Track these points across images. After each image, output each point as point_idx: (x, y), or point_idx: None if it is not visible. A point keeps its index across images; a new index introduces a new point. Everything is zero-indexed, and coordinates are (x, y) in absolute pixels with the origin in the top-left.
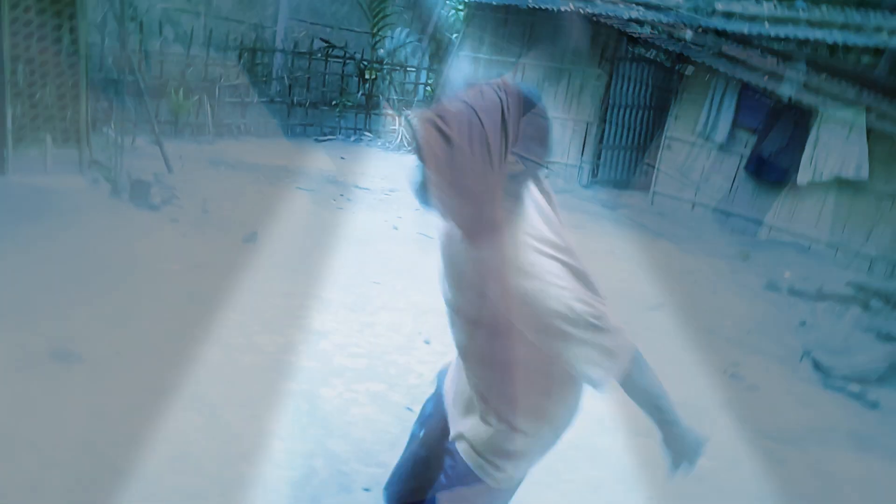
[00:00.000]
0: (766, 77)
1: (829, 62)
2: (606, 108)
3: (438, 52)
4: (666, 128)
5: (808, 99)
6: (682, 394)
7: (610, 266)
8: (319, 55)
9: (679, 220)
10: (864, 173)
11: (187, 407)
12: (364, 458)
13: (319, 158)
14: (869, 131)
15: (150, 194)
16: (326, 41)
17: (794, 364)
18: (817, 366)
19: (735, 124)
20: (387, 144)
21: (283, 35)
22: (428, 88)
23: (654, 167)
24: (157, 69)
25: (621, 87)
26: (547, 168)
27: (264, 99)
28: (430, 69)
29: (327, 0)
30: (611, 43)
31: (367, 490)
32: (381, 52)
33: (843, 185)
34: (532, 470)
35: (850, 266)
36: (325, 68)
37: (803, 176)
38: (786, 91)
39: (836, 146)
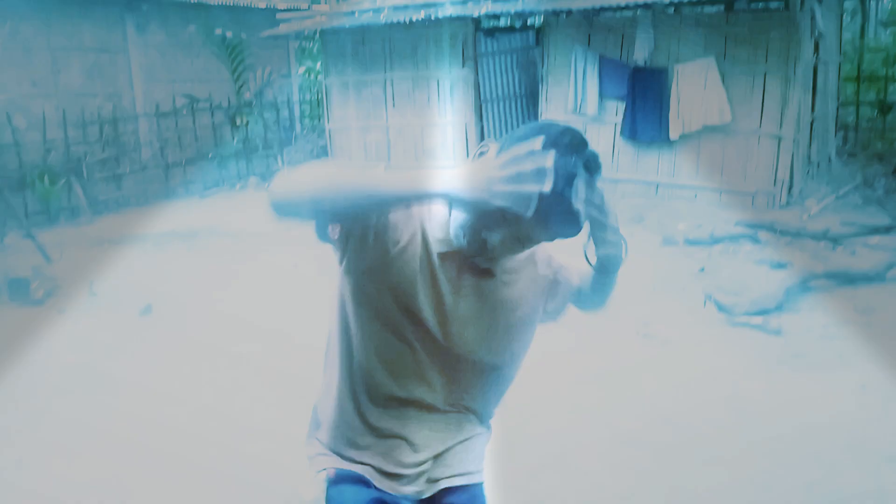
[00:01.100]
0: (620, 45)
1: (673, 19)
2: (480, 105)
3: (308, 82)
4: (540, 112)
5: (661, 58)
6: (603, 364)
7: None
8: (185, 111)
9: None
10: (727, 117)
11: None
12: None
13: (206, 214)
14: (724, 77)
15: (31, 290)
16: (189, 96)
17: (699, 310)
18: (720, 307)
19: (602, 95)
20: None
21: (142, 99)
22: (304, 121)
23: None
24: (14, 161)
25: (490, 82)
26: None
27: (137, 167)
28: (301, 101)
29: (180, 56)
30: (469, 41)
31: None
32: (248, 95)
33: (711, 131)
34: None
35: (735, 206)
36: (195, 122)
37: (674, 131)
38: (640, 55)
39: (697, 97)
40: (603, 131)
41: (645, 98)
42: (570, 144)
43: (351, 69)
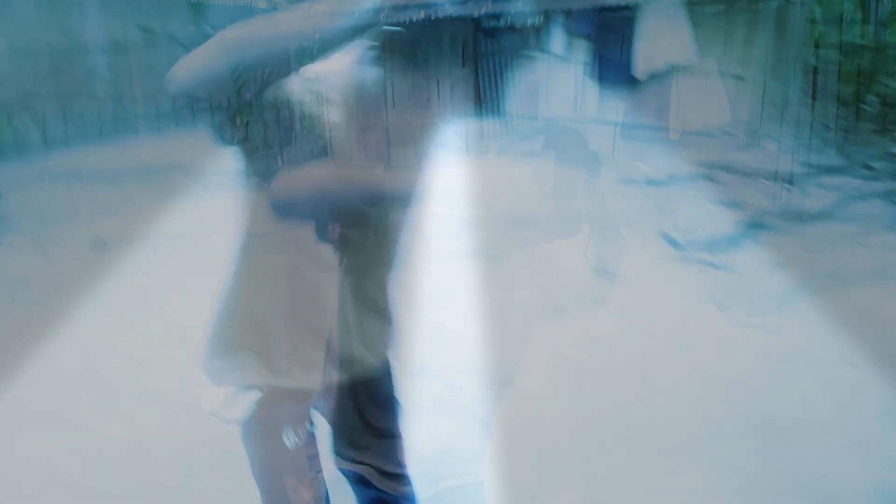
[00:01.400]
0: None
1: None
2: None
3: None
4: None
5: None
6: (551, 297)
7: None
8: (144, 46)
9: (536, 139)
10: (694, 56)
11: (54, 424)
12: None
13: (165, 150)
14: (690, 14)
15: None
16: (148, 30)
17: (654, 247)
18: (674, 244)
19: (568, 34)
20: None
21: (100, 32)
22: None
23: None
24: None
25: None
26: None
27: (91, 101)
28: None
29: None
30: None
31: None
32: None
33: (678, 70)
34: None
35: (694, 145)
36: (154, 58)
37: (640, 70)
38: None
39: (662, 36)
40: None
41: (609, 39)
42: None
43: None
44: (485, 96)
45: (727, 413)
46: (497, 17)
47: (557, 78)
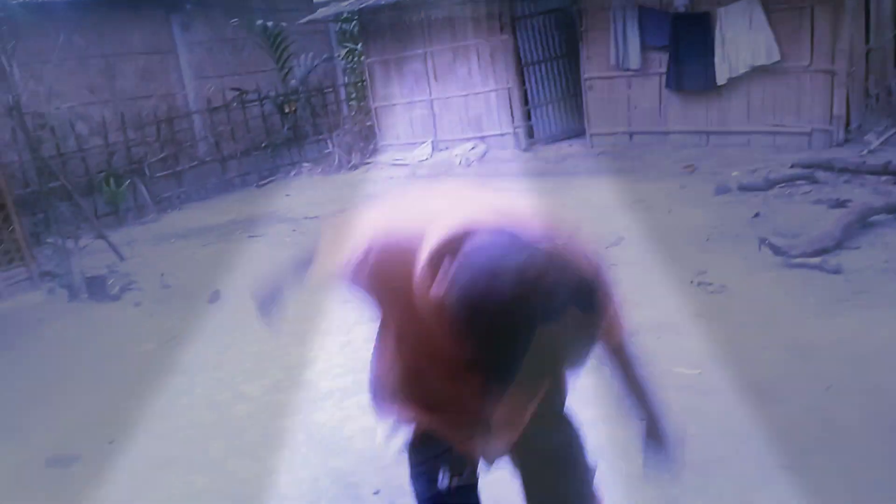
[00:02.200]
0: None
1: None
2: (521, 70)
3: (351, 64)
4: (582, 71)
5: (702, 3)
6: (656, 314)
7: (563, 218)
8: (235, 104)
9: (621, 155)
10: (776, 55)
11: (191, 471)
12: (368, 466)
13: (264, 202)
14: (769, 15)
15: (108, 286)
16: (237, 89)
17: (755, 255)
18: (776, 250)
19: (644, 47)
20: (327, 169)
21: (193, 96)
22: (350, 103)
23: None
24: (80, 167)
25: (529, 46)
26: None
27: (195, 163)
28: (346, 84)
29: (226, 50)
30: (505, 6)
31: (376, 493)
32: (294, 82)
33: (760, 72)
34: None
35: (790, 147)
36: (245, 115)
37: (721, 76)
38: (679, 2)
39: (742, 38)
40: (647, 84)
41: (688, 45)
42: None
43: (390, 47)
44: None
45: (849, 419)
46: None
47: (637, 90)
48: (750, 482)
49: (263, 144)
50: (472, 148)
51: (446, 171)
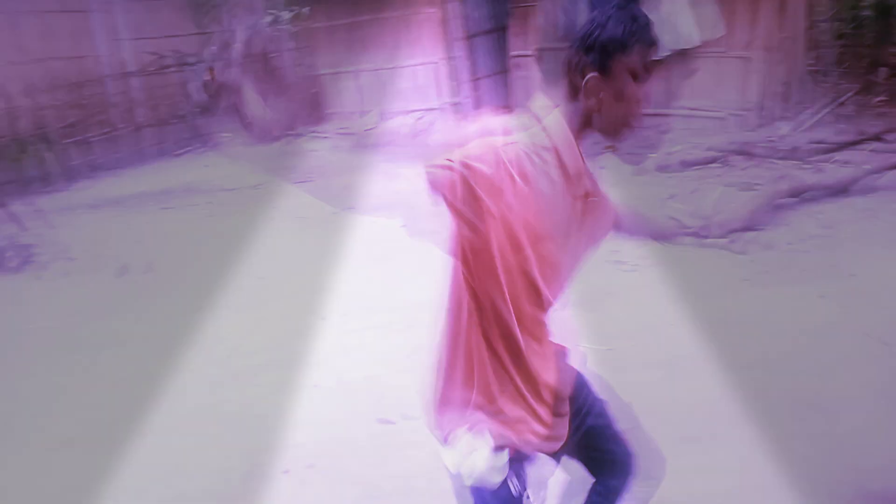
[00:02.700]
0: None
1: None
2: (469, 40)
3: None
4: (525, 44)
5: None
6: (569, 292)
7: None
8: (153, 69)
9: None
10: (696, 40)
11: (93, 451)
12: (278, 445)
13: (181, 173)
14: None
15: (5, 258)
16: (156, 53)
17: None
18: (687, 231)
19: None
20: (248, 140)
21: (107, 59)
22: (297, 69)
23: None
24: None
25: (476, 16)
26: None
27: (107, 130)
28: (292, 49)
29: (143, 11)
30: None
31: (286, 472)
32: (214, 49)
33: (680, 56)
34: None
35: (706, 131)
36: (164, 81)
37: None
38: None
39: (669, 19)
40: None
41: None
42: None
43: (338, 12)
44: None
45: (766, 393)
46: None
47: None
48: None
49: (181, 113)
50: (420, 118)
51: (391, 141)
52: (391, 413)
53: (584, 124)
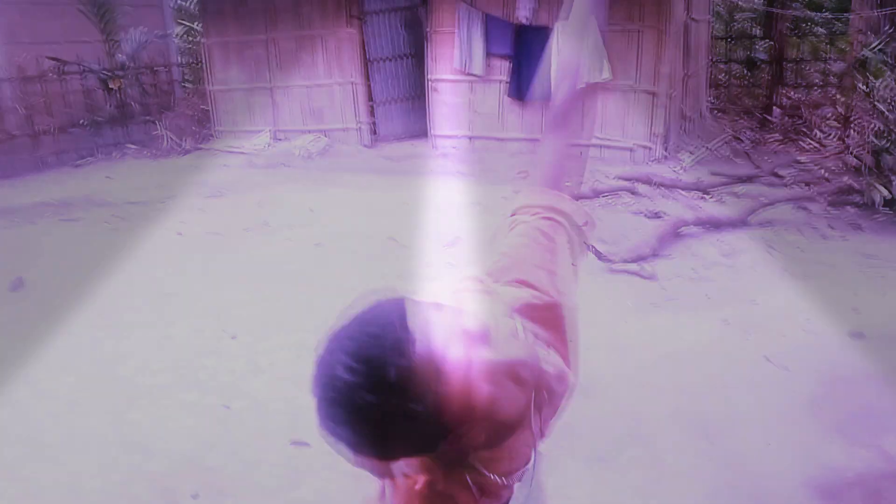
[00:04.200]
0: (503, 3)
1: None
2: (367, 65)
3: (187, 43)
4: (427, 72)
5: (544, 16)
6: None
7: (404, 216)
8: (52, 75)
9: (461, 158)
10: (607, 73)
11: None
12: (186, 468)
13: (82, 184)
14: (603, 34)
15: None
16: (55, 58)
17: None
18: (599, 256)
19: (488, 54)
20: (154, 152)
21: (3, 64)
22: (185, 85)
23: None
24: None
25: (375, 41)
26: None
27: (2, 136)
28: (181, 65)
29: (43, 17)
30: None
31: (195, 497)
32: (121, 57)
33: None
34: None
35: (615, 161)
36: (63, 87)
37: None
38: (523, 13)
39: (578, 55)
40: (489, 90)
41: (529, 56)
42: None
43: (232, 29)
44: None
45: (673, 417)
46: None
47: (479, 97)
48: (566, 476)
49: (83, 122)
50: (314, 140)
51: (285, 162)
52: (305, 435)
53: None
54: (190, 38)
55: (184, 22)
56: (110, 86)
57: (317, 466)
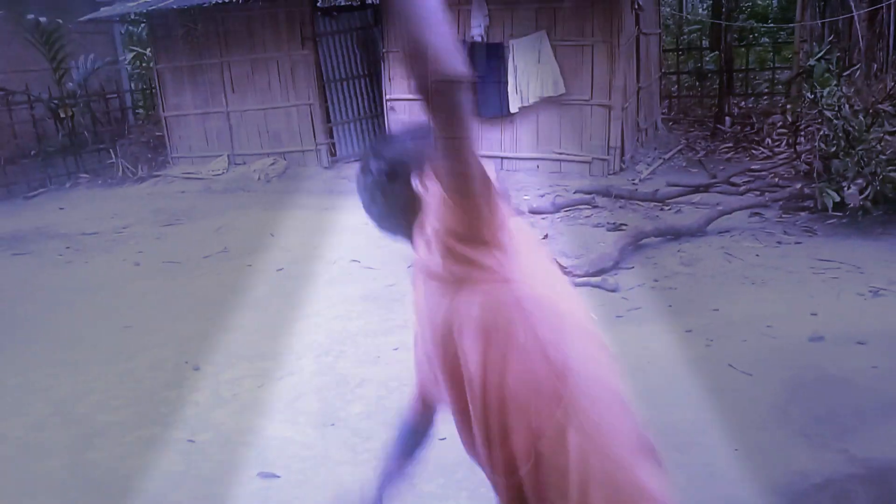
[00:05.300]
0: (457, 21)
1: None
2: (323, 87)
3: (138, 69)
4: (384, 91)
5: (496, 34)
6: None
7: (367, 236)
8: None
9: None
10: (561, 88)
11: None
12: (153, 503)
13: (34, 216)
14: (555, 50)
15: None
16: (2, 88)
17: None
18: (562, 269)
19: None
20: (109, 181)
21: None
22: (137, 111)
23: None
24: None
25: (331, 62)
26: None
27: None
28: (133, 91)
29: None
30: (307, 20)
31: None
32: (71, 85)
33: (547, 102)
34: None
35: (573, 174)
36: (11, 118)
37: (513, 104)
38: (476, 31)
39: (531, 70)
40: None
41: (484, 74)
42: None
43: (184, 54)
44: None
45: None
46: None
47: None
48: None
49: (33, 152)
50: (273, 164)
51: (244, 187)
52: (274, 466)
53: None
54: (141, 64)
55: (134, 48)
56: (60, 115)
57: (286, 498)
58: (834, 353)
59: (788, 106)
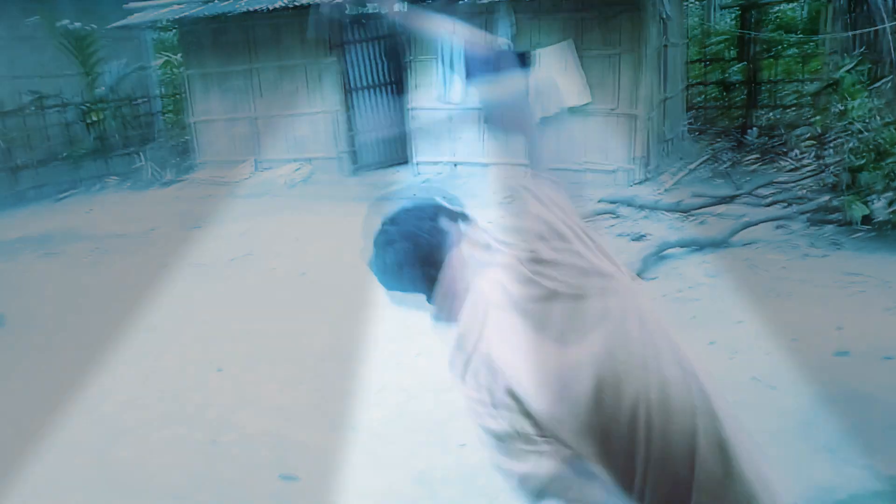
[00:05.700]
0: (483, 31)
1: (531, 5)
2: (348, 94)
3: (167, 75)
4: (409, 99)
5: (523, 43)
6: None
7: None
8: (32, 109)
9: (445, 183)
10: (587, 97)
11: None
12: (176, 503)
13: (63, 218)
14: (581, 60)
15: None
16: (36, 92)
17: None
18: None
19: (469, 81)
20: (137, 184)
21: None
22: (166, 116)
23: (408, 140)
24: None
25: (357, 71)
26: None
27: None
28: (162, 96)
29: (24, 50)
30: (335, 28)
31: None
32: (102, 90)
33: (573, 112)
34: None
35: (597, 184)
36: (44, 121)
37: (537, 115)
38: (502, 40)
39: (557, 80)
40: (470, 116)
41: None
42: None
43: (212, 60)
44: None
45: None
46: None
47: (458, 123)
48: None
49: (64, 155)
50: (297, 169)
51: (269, 192)
52: (295, 469)
53: None
54: (170, 70)
55: (164, 54)
56: (91, 118)
57: (306, 500)
58: (859, 368)
59: (816, 117)
